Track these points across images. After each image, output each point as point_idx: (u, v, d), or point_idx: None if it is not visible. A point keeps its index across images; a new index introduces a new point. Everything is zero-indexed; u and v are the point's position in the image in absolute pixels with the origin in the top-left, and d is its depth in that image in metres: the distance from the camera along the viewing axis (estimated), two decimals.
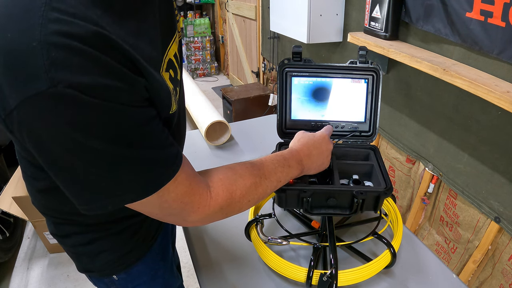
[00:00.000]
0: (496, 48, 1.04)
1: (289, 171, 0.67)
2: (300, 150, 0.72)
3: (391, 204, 0.90)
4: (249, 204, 0.60)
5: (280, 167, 0.65)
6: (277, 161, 0.65)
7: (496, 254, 1.27)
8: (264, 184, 0.61)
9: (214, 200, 0.55)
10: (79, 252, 0.71)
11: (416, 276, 0.80)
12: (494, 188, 1.22)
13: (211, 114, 1.45)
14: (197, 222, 0.56)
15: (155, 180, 0.48)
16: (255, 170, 0.61)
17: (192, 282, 1.77)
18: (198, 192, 0.53)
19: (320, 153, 0.74)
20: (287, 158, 0.67)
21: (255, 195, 0.60)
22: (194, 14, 4.98)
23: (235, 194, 0.57)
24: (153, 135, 0.47)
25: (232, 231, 0.92)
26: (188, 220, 0.54)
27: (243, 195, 0.58)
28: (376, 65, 0.83)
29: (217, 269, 0.82)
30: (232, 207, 0.57)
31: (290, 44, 2.66)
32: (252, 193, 0.60)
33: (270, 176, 0.63)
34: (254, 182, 0.60)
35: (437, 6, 1.20)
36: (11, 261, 1.96)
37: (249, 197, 0.59)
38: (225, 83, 4.71)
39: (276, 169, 0.64)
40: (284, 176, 0.65)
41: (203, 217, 0.55)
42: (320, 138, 0.76)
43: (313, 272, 0.72)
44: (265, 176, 0.62)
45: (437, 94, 1.37)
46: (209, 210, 0.54)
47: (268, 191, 0.63)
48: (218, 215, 0.57)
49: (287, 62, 0.83)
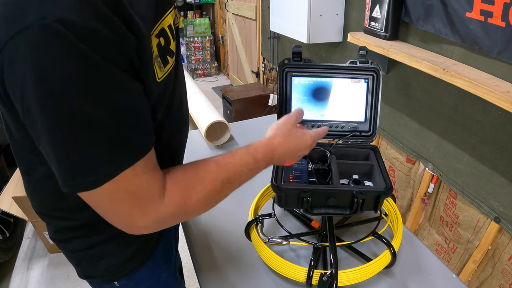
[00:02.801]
0: (496, 48, 1.04)
1: (256, 172, 0.63)
2: (278, 147, 0.66)
3: (391, 204, 0.90)
4: (206, 209, 0.57)
5: (247, 170, 0.60)
6: (246, 163, 0.60)
7: (496, 254, 1.27)
8: (226, 189, 0.58)
9: (166, 206, 0.51)
10: (80, 257, 0.69)
11: (416, 276, 0.80)
12: (494, 188, 1.22)
13: (211, 114, 1.45)
14: (145, 229, 0.52)
15: (118, 160, 0.45)
16: (220, 173, 0.57)
17: (192, 282, 1.77)
18: (152, 190, 0.50)
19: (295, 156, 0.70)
20: (258, 160, 0.62)
21: (213, 201, 0.57)
22: (194, 14, 4.98)
23: (190, 201, 0.53)
24: (132, 112, 0.45)
25: (232, 231, 0.92)
26: (135, 223, 0.50)
27: (200, 202, 0.54)
28: (376, 65, 0.83)
29: (217, 269, 0.82)
30: (185, 214, 0.55)
31: (290, 44, 2.66)
32: (211, 198, 0.56)
33: (234, 180, 0.59)
34: (214, 187, 0.56)
35: (437, 6, 1.20)
36: (11, 261, 1.96)
37: (206, 202, 0.56)
38: (225, 83, 4.71)
39: (242, 172, 0.60)
40: (248, 177, 0.62)
41: (152, 222, 0.51)
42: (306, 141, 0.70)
43: (313, 272, 0.72)
44: (228, 181, 0.57)
45: (437, 94, 1.37)
46: (159, 215, 0.51)
47: (228, 194, 0.60)
48: (170, 221, 0.54)
49: (287, 62, 0.83)
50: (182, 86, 0.68)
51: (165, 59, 0.53)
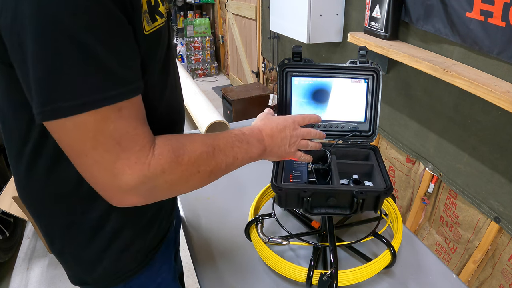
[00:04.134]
0: (496, 48, 1.04)
1: (248, 148, 0.61)
2: (262, 128, 0.66)
3: (391, 204, 0.90)
4: (199, 177, 0.53)
5: (237, 142, 0.59)
6: (235, 135, 0.60)
7: (496, 254, 1.27)
8: (218, 157, 0.55)
9: (156, 159, 0.46)
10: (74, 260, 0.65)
11: (416, 276, 0.80)
12: (494, 188, 1.22)
13: (211, 114, 1.45)
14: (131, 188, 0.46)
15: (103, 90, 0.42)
16: (209, 139, 0.55)
17: (192, 282, 1.77)
18: (141, 142, 0.46)
19: (283, 138, 0.68)
20: (246, 134, 0.62)
21: (206, 167, 0.53)
22: (194, 14, 4.98)
23: (181, 159, 0.49)
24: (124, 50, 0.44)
25: (232, 231, 0.92)
26: (120, 179, 0.44)
27: (192, 163, 0.51)
28: (376, 65, 0.83)
29: (217, 269, 0.82)
30: (177, 173, 0.49)
31: (290, 44, 2.66)
32: (203, 163, 0.53)
33: (226, 150, 0.56)
34: (206, 151, 0.53)
35: (437, 6, 1.20)
36: (11, 261, 1.96)
37: (199, 167, 0.52)
38: (225, 83, 4.71)
39: (233, 144, 0.58)
40: (242, 153, 0.59)
41: (139, 178, 0.45)
42: (285, 121, 0.70)
43: (313, 272, 0.72)
44: (219, 148, 0.55)
45: (437, 94, 1.37)
46: (148, 169, 0.46)
47: (223, 166, 0.56)
48: (160, 181, 0.48)
49: (287, 62, 0.83)
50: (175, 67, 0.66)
51: (154, 16, 0.51)
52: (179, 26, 5.11)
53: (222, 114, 3.06)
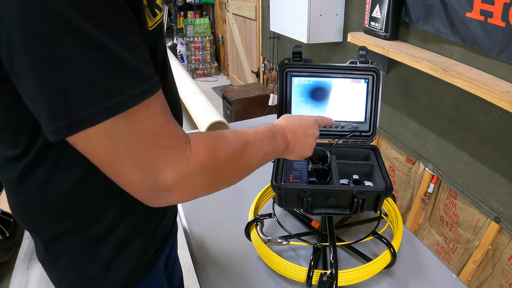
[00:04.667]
0: (496, 48, 1.04)
1: (275, 145, 0.61)
2: (286, 126, 0.67)
3: (391, 204, 0.90)
4: (235, 172, 0.53)
5: (266, 138, 0.59)
6: (263, 131, 0.59)
7: (496, 254, 1.27)
8: (251, 152, 0.54)
9: (195, 155, 0.44)
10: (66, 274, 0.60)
11: (416, 276, 0.80)
12: (494, 188, 1.22)
13: (211, 114, 1.45)
14: (171, 186, 0.43)
15: (125, 91, 0.38)
16: (239, 135, 0.54)
17: (192, 282, 1.77)
18: (175, 137, 0.43)
19: (306, 136, 0.69)
20: (272, 130, 0.62)
21: (241, 162, 0.52)
22: (194, 14, 4.98)
23: (219, 152, 0.47)
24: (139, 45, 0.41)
25: (232, 231, 0.92)
26: (161, 178, 0.42)
27: (229, 157, 0.49)
28: (376, 65, 0.83)
29: (217, 269, 0.82)
30: (216, 169, 0.48)
31: (290, 44, 2.66)
32: (238, 158, 0.51)
33: (257, 145, 0.56)
34: (240, 146, 0.52)
35: (437, 6, 1.20)
36: (11, 261, 1.96)
37: (235, 162, 0.51)
38: (225, 83, 4.71)
39: (262, 140, 0.58)
40: (270, 149, 0.59)
41: (180, 175, 0.43)
42: (307, 120, 0.71)
43: (313, 272, 0.72)
44: (251, 143, 0.55)
45: (437, 94, 1.37)
46: (188, 166, 0.43)
47: (254, 162, 0.56)
48: (200, 176, 0.45)
49: (287, 62, 0.83)
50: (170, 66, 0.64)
51: (153, 11, 0.49)
52: (179, 26, 5.11)
53: (222, 114, 3.06)
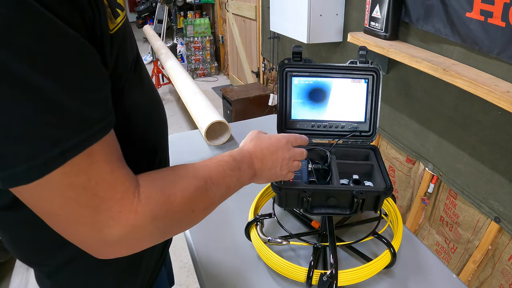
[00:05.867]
0: (496, 48, 1.04)
1: (240, 176, 0.56)
2: (252, 152, 0.61)
3: (391, 204, 0.90)
4: (194, 216, 0.47)
5: (229, 170, 0.53)
6: (226, 163, 0.54)
7: (496, 254, 1.27)
8: (212, 191, 0.49)
9: (144, 205, 0.39)
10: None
11: (416, 276, 0.80)
12: (494, 188, 1.22)
13: (211, 114, 1.45)
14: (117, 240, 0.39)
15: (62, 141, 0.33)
16: (200, 172, 0.49)
17: (192, 282, 1.77)
18: (121, 187, 0.38)
19: (275, 161, 0.62)
20: (237, 160, 0.56)
21: (201, 204, 0.47)
22: (194, 14, 4.98)
23: (173, 199, 0.43)
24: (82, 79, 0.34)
25: (232, 231, 0.92)
26: (106, 232, 0.38)
27: (186, 202, 0.44)
28: (376, 65, 0.83)
29: (217, 269, 0.82)
30: (170, 217, 0.43)
31: (290, 44, 2.66)
32: (197, 200, 0.47)
33: (219, 181, 0.51)
34: (199, 186, 0.47)
35: (437, 6, 1.20)
36: (11, 261, 1.96)
37: (193, 205, 0.46)
38: (225, 83, 4.71)
39: (225, 173, 0.53)
40: (234, 182, 0.54)
41: (127, 229, 0.38)
42: (277, 142, 0.64)
43: (313, 272, 0.72)
44: (212, 180, 0.49)
45: (437, 94, 1.37)
46: (136, 218, 0.39)
47: (216, 200, 0.51)
48: (150, 229, 0.41)
49: (287, 62, 0.83)
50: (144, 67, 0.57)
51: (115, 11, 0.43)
52: (179, 26, 5.11)
53: (222, 114, 3.06)
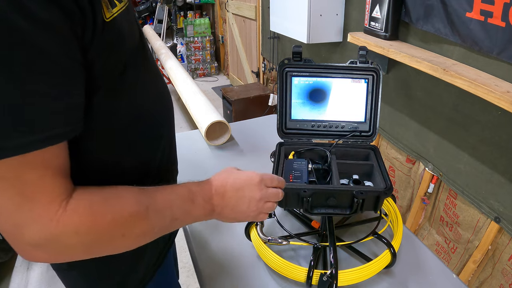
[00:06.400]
0: (496, 48, 1.04)
1: (192, 209, 0.53)
2: (214, 186, 0.56)
3: (391, 204, 0.90)
4: (124, 241, 0.45)
5: (179, 200, 0.51)
6: (177, 193, 0.52)
7: (496, 254, 1.27)
8: (152, 219, 0.47)
9: (67, 216, 0.40)
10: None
11: (416, 276, 0.80)
12: (494, 188, 1.22)
13: (211, 114, 1.45)
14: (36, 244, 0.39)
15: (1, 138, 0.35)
16: (144, 197, 0.47)
17: (192, 282, 1.77)
18: (47, 193, 0.39)
19: (241, 198, 0.57)
20: (192, 192, 0.53)
21: (134, 230, 0.46)
22: (194, 14, 4.98)
23: (102, 218, 0.42)
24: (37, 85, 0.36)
25: (232, 231, 0.92)
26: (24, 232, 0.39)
27: (116, 225, 0.43)
28: (376, 65, 0.83)
29: (217, 269, 0.82)
30: (95, 236, 0.42)
31: (290, 44, 2.66)
32: (131, 226, 0.45)
33: (163, 211, 0.49)
34: (137, 211, 0.45)
35: (437, 6, 1.20)
36: (11, 261, 1.96)
37: (124, 230, 0.44)
38: (225, 83, 4.71)
39: (173, 203, 0.50)
40: (182, 214, 0.52)
41: (44, 235, 0.39)
42: (246, 179, 0.58)
43: (313, 272, 0.72)
44: (155, 208, 0.47)
45: (437, 94, 1.37)
46: (56, 227, 0.39)
47: (156, 229, 0.49)
48: (72, 240, 0.41)
49: (287, 62, 0.83)
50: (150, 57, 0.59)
51: (113, 1, 0.45)
52: (179, 26, 5.11)
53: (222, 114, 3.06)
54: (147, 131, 0.56)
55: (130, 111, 0.52)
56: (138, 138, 0.55)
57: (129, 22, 0.50)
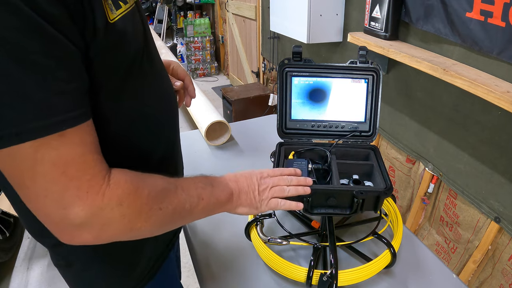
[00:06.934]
0: (496, 48, 1.04)
1: (213, 191, 0.57)
2: (225, 176, 0.63)
3: (391, 204, 0.90)
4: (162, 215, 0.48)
5: (200, 183, 0.56)
6: (197, 178, 0.57)
7: (496, 254, 1.27)
8: (181, 196, 0.51)
9: (112, 190, 0.42)
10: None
11: (416, 276, 0.80)
12: (494, 188, 1.22)
13: (211, 114, 1.45)
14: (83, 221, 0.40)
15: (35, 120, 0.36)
16: (170, 179, 0.51)
17: (192, 282, 1.77)
18: (91, 170, 0.40)
19: (251, 184, 0.64)
20: (209, 178, 0.59)
21: (169, 204, 0.48)
22: (194, 14, 4.98)
23: (141, 191, 0.45)
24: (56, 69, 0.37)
25: (232, 231, 0.92)
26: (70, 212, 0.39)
27: (153, 198, 0.46)
28: (376, 65, 0.83)
29: (217, 269, 0.82)
30: (137, 208, 0.44)
31: (290, 44, 2.66)
32: (165, 200, 0.48)
33: (189, 190, 0.52)
34: (167, 188, 0.49)
35: (437, 6, 1.20)
36: (11, 261, 1.96)
37: (160, 204, 0.47)
38: (225, 83, 4.71)
39: (196, 185, 0.55)
40: (207, 194, 0.55)
41: (93, 210, 0.40)
42: (251, 171, 0.67)
43: (313, 272, 0.72)
44: (182, 188, 0.51)
45: (437, 94, 1.37)
46: (102, 200, 0.40)
47: (187, 206, 0.51)
48: (117, 215, 0.42)
49: (287, 62, 0.83)
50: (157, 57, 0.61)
51: (117, 3, 0.46)
52: (179, 26, 5.11)
53: (222, 114, 3.06)
54: (149, 133, 0.56)
55: (132, 112, 0.52)
56: (138, 141, 0.55)
57: (134, 23, 0.50)
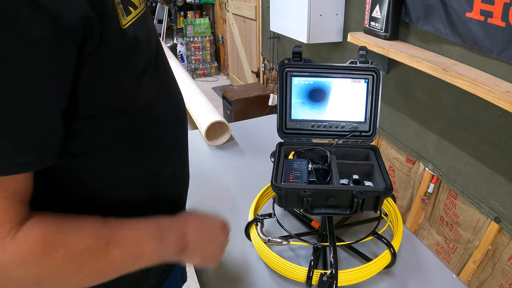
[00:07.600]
0: (496, 48, 1.04)
1: (161, 246, 0.48)
2: (188, 222, 0.55)
3: (391, 204, 0.90)
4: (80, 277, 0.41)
5: (147, 235, 0.47)
6: (146, 227, 0.47)
7: (496, 254, 1.27)
8: (112, 255, 0.43)
9: (17, 245, 0.36)
10: None
11: (416, 276, 0.80)
12: (494, 188, 1.22)
13: (211, 114, 1.45)
14: None
15: None
16: (105, 230, 0.43)
17: (192, 282, 1.77)
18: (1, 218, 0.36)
19: (212, 235, 0.59)
20: (163, 227, 0.50)
21: (91, 266, 0.41)
22: (194, 14, 4.98)
23: (54, 252, 0.38)
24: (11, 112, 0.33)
25: (232, 231, 0.92)
26: None
27: (69, 259, 0.39)
28: (376, 65, 0.83)
29: (217, 269, 0.82)
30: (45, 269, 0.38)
31: (290, 44, 2.66)
32: (88, 262, 0.41)
33: (126, 245, 0.44)
34: (93, 247, 0.41)
35: (437, 6, 1.20)
36: None
37: (81, 266, 0.40)
38: (225, 83, 4.71)
39: (140, 238, 0.46)
40: (150, 251, 0.47)
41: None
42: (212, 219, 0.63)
43: (313, 272, 0.72)
44: (116, 243, 0.43)
45: (437, 94, 1.37)
46: (2, 254, 0.36)
47: (117, 266, 0.44)
48: (19, 271, 0.37)
49: (287, 62, 0.83)
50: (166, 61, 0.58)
51: (127, 9, 0.44)
52: (179, 26, 5.10)
53: (222, 114, 3.06)
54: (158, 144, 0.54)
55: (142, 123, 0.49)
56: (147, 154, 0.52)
57: (145, 30, 0.48)
